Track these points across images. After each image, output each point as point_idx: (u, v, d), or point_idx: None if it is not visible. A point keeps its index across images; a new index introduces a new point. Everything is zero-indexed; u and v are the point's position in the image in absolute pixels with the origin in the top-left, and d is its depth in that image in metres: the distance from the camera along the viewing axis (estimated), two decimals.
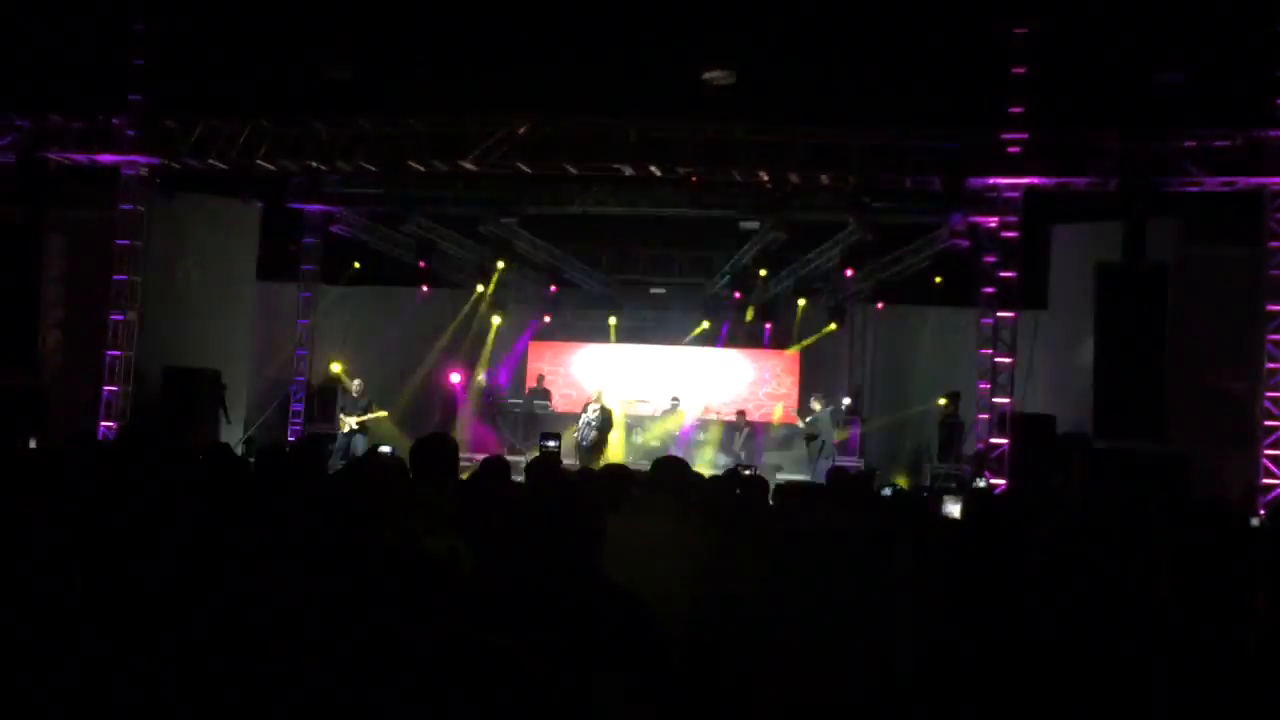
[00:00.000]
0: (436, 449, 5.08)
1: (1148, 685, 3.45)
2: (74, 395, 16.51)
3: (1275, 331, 14.00)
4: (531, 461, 6.12)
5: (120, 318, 15.99)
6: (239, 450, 15.38)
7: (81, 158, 16.02)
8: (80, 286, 17.30)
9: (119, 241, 16.03)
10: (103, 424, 15.70)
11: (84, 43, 15.29)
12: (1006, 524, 4.43)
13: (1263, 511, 12.26)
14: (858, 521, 4.99)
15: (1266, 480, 13.85)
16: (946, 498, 7.49)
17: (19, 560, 2.98)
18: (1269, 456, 13.95)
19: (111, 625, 2.90)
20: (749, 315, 21.31)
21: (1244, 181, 14.12)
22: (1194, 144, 14.15)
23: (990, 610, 3.60)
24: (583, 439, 18.00)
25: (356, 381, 18.01)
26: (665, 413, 20.83)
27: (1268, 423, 14.02)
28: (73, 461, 6.15)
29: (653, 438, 20.18)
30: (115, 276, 15.99)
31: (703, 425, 20.77)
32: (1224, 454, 14.73)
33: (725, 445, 20.45)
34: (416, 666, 1.61)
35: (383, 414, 17.58)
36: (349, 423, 17.38)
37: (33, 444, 11.23)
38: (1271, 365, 14.03)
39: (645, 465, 13.90)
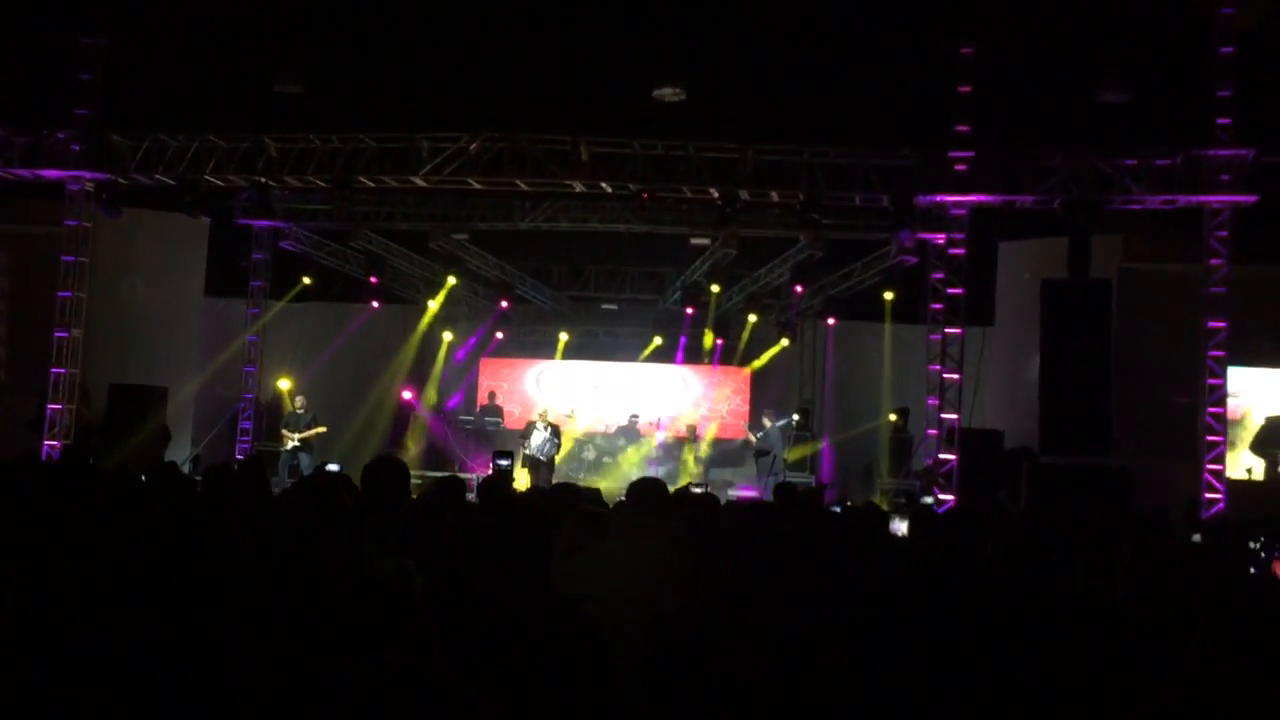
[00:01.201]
0: (387, 472, 5.09)
1: (1091, 699, 3.51)
2: (17, 413, 16.27)
3: (1216, 348, 14.22)
4: (484, 481, 6.11)
5: (65, 335, 15.77)
6: (185, 468, 15.21)
7: (26, 173, 15.82)
8: (24, 303, 17.09)
9: (64, 257, 15.81)
10: (46, 442, 15.47)
11: (29, 57, 15.11)
12: (949, 541, 4.48)
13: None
14: (808, 536, 5.03)
15: (1208, 495, 14.06)
16: (895, 516, 7.55)
17: None
18: (1211, 471, 14.16)
19: (47, 647, 2.87)
20: (708, 338, 21.39)
21: (1185, 199, 14.36)
22: (1136, 162, 14.39)
23: (935, 626, 3.64)
24: (541, 454, 17.95)
25: (299, 398, 17.97)
26: (621, 429, 20.83)
27: (1209, 438, 14.23)
28: (14, 480, 6.08)
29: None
30: (60, 293, 15.77)
31: (669, 447, 20.77)
32: (1167, 468, 14.95)
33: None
34: (360, 695, 1.62)
35: (321, 430, 17.52)
36: (291, 439, 17.31)
37: None
38: (1213, 381, 14.25)
39: (600, 484, 13.93)
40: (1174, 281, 16.19)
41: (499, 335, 22.34)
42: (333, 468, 11.51)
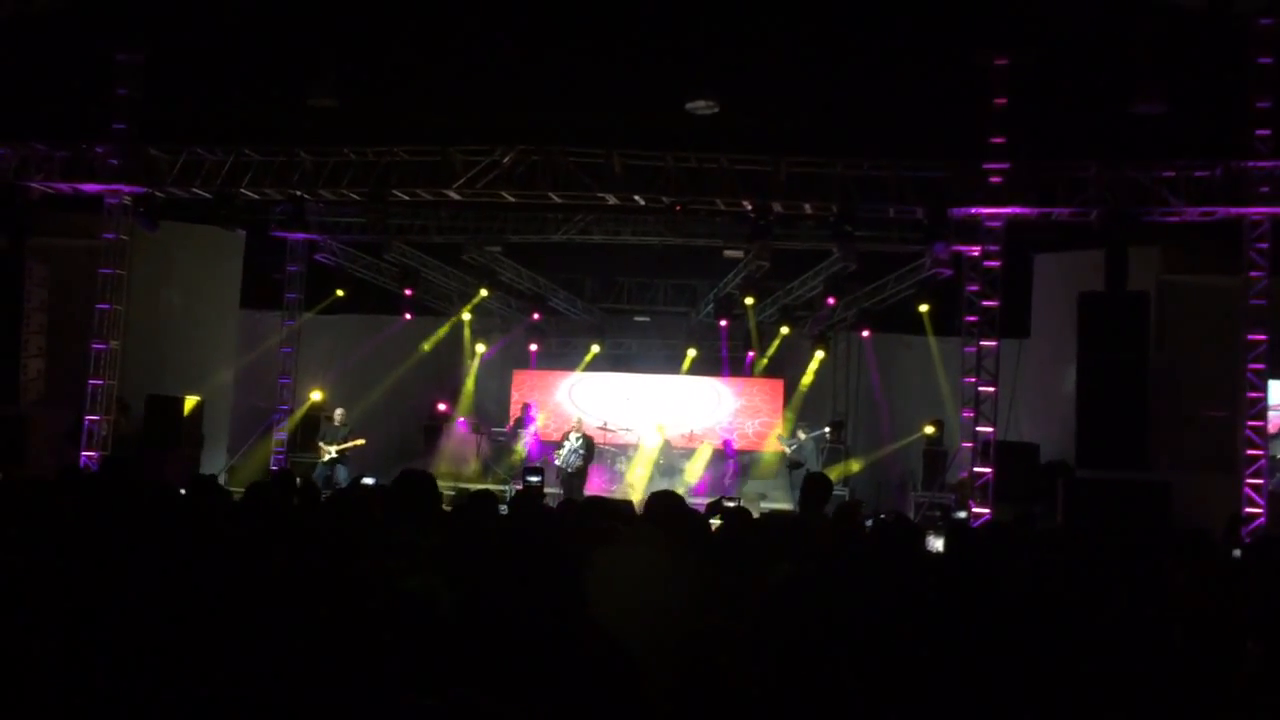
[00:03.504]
0: (416, 486, 5.07)
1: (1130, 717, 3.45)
2: (55, 425, 16.41)
3: (1256, 360, 14.06)
4: (515, 496, 6.10)
5: (103, 347, 15.91)
6: (221, 479, 15.31)
7: (65, 187, 16.00)
8: (62, 315, 17.24)
9: (102, 270, 15.99)
10: (84, 454, 15.60)
11: (68, 72, 15.27)
12: (986, 558, 4.43)
13: (1247, 540, 12.27)
14: (840, 564, 4.99)
15: (1249, 509, 13.88)
16: (930, 533, 7.47)
17: None
18: (1251, 485, 13.98)
19: (85, 656, 2.88)
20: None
21: (1223, 211, 14.21)
22: (1173, 174, 14.26)
23: (971, 643, 3.60)
24: (568, 466, 18.00)
25: (338, 411, 18.03)
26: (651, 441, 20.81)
27: (1250, 451, 14.05)
28: (52, 492, 6.12)
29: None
30: (98, 305, 15.93)
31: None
32: (1207, 483, 14.76)
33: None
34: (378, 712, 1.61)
35: (360, 442, 17.57)
36: (329, 451, 17.38)
37: None
38: (1253, 394, 14.08)
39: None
40: (1213, 294, 16.02)
41: (533, 347, 22.37)
42: (368, 481, 11.51)
